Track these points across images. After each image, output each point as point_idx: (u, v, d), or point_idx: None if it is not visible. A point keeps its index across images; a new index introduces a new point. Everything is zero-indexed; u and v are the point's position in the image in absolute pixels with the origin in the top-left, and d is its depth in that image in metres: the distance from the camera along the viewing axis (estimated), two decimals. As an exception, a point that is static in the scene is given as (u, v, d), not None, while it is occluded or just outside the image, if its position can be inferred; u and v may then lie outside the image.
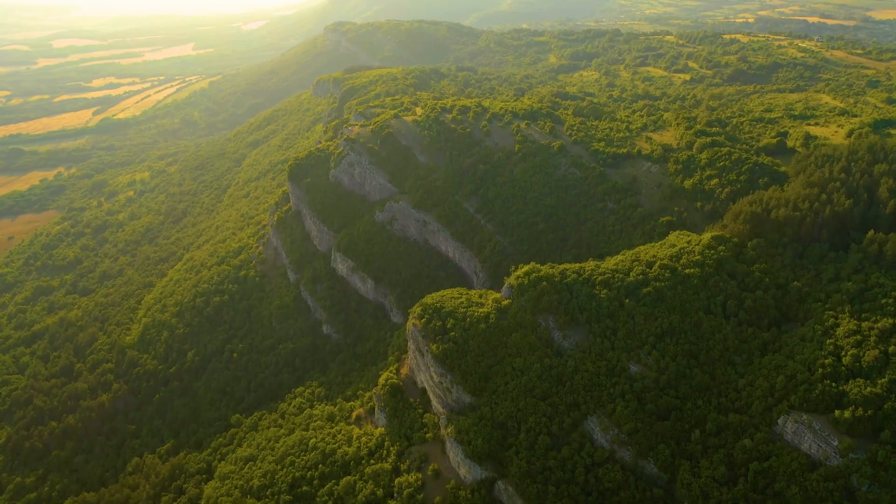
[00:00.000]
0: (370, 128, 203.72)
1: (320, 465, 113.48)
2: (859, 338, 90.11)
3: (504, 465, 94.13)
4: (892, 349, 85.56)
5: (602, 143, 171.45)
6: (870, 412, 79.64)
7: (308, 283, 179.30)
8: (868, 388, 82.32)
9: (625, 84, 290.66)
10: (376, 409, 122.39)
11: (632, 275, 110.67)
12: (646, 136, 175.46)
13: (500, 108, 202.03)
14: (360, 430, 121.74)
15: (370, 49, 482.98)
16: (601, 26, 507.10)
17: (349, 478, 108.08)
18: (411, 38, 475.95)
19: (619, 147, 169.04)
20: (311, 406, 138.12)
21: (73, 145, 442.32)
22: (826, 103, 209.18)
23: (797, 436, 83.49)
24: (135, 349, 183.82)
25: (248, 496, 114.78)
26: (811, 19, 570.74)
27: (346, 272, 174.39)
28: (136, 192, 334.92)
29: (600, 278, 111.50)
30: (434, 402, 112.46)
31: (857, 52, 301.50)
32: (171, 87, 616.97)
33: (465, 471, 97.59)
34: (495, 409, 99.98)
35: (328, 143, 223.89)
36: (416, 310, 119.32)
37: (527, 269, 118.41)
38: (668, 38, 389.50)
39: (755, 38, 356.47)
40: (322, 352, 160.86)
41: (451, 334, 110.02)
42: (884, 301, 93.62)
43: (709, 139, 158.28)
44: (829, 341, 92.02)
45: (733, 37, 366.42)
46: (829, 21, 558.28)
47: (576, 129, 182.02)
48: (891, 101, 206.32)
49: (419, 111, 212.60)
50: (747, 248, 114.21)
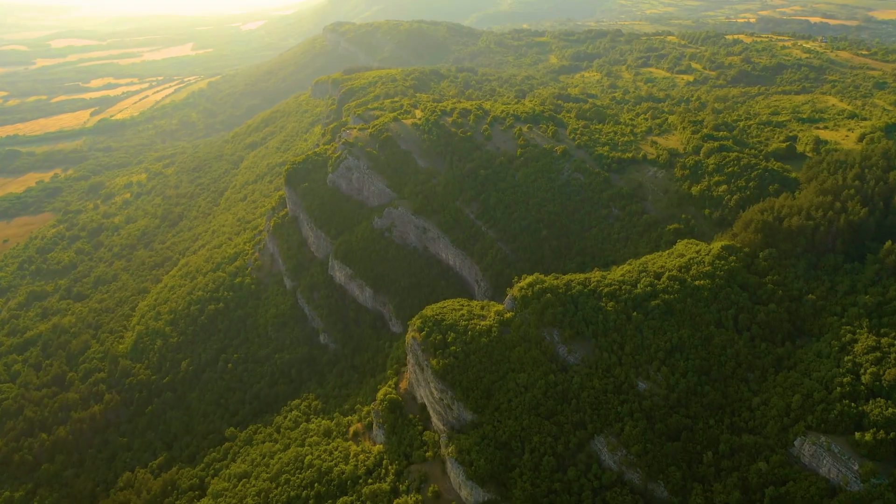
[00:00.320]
0: (369, 131, 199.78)
1: (316, 484, 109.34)
2: (879, 354, 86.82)
3: (507, 488, 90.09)
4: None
5: (606, 148, 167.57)
6: (892, 435, 76.25)
7: (305, 291, 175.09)
8: (890, 409, 79.08)
9: (627, 85, 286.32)
10: (374, 424, 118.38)
11: (639, 286, 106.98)
12: (651, 140, 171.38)
13: (502, 111, 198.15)
14: (358, 446, 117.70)
15: (369, 49, 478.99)
16: (602, 26, 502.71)
17: (346, 498, 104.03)
18: (411, 39, 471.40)
19: (623, 151, 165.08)
20: (308, 420, 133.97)
21: (71, 146, 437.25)
22: (833, 105, 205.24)
23: (815, 459, 79.90)
24: (128, 358, 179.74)
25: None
26: (813, 19, 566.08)
27: (343, 280, 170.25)
28: (133, 195, 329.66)
29: (606, 290, 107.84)
30: (434, 419, 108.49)
31: (863, 52, 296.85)
32: (170, 87, 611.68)
33: (467, 493, 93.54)
34: (498, 427, 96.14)
35: (326, 146, 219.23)
36: (416, 322, 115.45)
37: (530, 279, 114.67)
38: (670, 38, 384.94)
39: (758, 39, 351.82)
40: (319, 362, 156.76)
41: (452, 348, 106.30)
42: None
43: (716, 144, 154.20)
44: (846, 358, 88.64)
45: (736, 37, 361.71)
46: (832, 21, 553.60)
47: (579, 132, 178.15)
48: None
49: (419, 114, 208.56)
50: (759, 259, 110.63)
